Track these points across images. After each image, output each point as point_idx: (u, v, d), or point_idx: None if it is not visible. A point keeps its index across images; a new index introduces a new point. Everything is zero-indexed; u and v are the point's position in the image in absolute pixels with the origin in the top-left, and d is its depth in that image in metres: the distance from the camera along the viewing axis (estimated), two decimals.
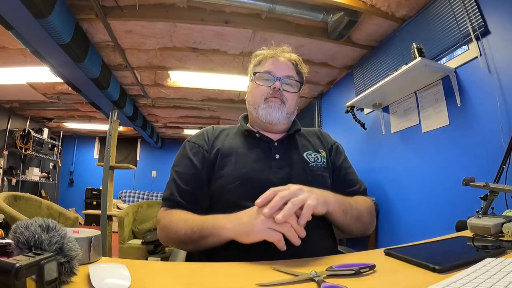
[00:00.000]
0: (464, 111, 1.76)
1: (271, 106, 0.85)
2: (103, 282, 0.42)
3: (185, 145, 0.88)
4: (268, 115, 0.85)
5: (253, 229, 0.58)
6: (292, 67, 0.90)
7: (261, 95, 0.87)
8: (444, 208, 1.86)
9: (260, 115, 0.87)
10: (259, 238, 0.58)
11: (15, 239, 0.39)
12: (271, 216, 0.58)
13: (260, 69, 0.90)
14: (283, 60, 0.90)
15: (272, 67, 0.88)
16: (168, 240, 0.76)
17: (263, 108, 0.86)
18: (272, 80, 0.87)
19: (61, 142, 6.32)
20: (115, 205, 5.59)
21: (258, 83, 0.89)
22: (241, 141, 0.87)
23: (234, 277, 0.50)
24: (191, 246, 0.70)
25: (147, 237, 2.70)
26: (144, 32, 2.45)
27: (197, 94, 3.93)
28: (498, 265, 0.44)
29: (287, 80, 0.88)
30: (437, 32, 1.93)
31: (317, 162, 0.86)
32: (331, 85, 3.54)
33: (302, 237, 0.58)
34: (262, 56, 0.92)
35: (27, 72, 3.20)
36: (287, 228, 0.57)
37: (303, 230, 0.58)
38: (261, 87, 0.88)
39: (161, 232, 0.78)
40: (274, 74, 0.87)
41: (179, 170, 0.82)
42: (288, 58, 0.91)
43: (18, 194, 2.33)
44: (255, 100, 0.89)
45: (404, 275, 0.49)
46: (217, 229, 0.64)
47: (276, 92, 0.86)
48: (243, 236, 0.60)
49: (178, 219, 0.73)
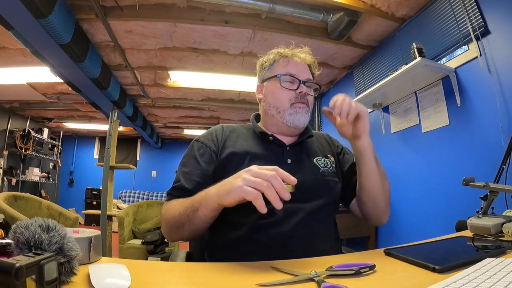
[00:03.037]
0: (464, 111, 1.76)
1: (299, 112, 0.84)
2: (103, 282, 0.42)
3: (193, 144, 0.87)
4: (296, 120, 0.84)
5: (232, 186, 0.57)
6: (308, 70, 0.90)
7: (287, 99, 0.85)
8: (444, 208, 1.86)
9: (286, 120, 0.85)
10: (237, 195, 0.56)
11: (15, 239, 0.39)
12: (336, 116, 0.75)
13: (281, 71, 0.87)
14: (303, 62, 0.89)
15: (295, 69, 0.86)
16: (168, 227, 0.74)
17: (290, 114, 0.84)
18: (297, 83, 0.85)
19: (61, 142, 6.32)
20: (115, 205, 5.59)
21: (284, 86, 0.85)
22: (254, 143, 0.86)
23: (234, 277, 0.50)
24: (188, 227, 0.68)
25: (147, 237, 2.70)
26: (144, 32, 2.45)
27: (197, 94, 3.93)
28: (498, 265, 0.44)
29: (309, 84, 0.87)
30: (437, 32, 1.93)
31: (327, 168, 0.86)
32: (331, 85, 3.54)
33: (287, 199, 0.54)
34: (280, 56, 0.90)
35: (27, 72, 3.20)
36: (266, 186, 0.54)
37: (287, 193, 0.54)
38: (286, 91, 0.85)
39: (163, 223, 0.77)
40: (298, 77, 0.85)
41: (185, 170, 0.81)
42: (306, 60, 0.90)
43: (18, 194, 2.33)
44: (281, 103, 0.86)
45: (404, 275, 0.49)
46: (204, 198, 0.64)
47: (303, 97, 0.85)
48: (224, 195, 0.58)
49: (175, 203, 0.73)
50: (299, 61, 0.88)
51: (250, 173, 0.57)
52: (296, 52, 0.90)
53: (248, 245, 0.72)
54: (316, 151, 0.90)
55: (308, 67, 0.89)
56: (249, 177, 0.56)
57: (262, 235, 0.71)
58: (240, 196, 0.56)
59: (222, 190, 0.60)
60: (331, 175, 0.85)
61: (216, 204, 0.61)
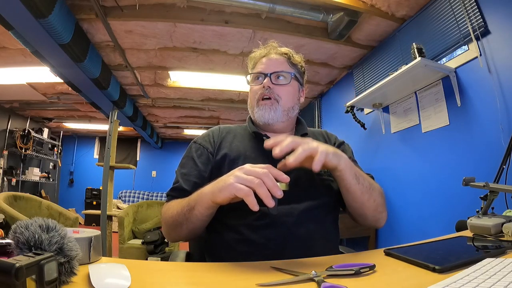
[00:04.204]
0: (464, 111, 1.76)
1: (262, 108, 0.84)
2: (103, 282, 0.42)
3: (191, 146, 0.88)
4: (261, 117, 0.84)
5: (225, 184, 0.58)
6: (283, 61, 0.89)
7: (254, 96, 0.87)
8: (444, 208, 1.86)
9: (256, 118, 0.86)
10: (229, 192, 0.56)
11: (15, 239, 0.39)
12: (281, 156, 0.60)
13: (253, 71, 0.91)
14: (274, 56, 0.89)
15: (263, 66, 0.88)
16: (167, 227, 0.76)
17: (257, 111, 0.85)
18: (263, 78, 0.87)
19: (61, 142, 6.32)
20: (115, 205, 5.59)
21: (252, 85, 0.90)
22: (249, 143, 0.86)
23: (234, 277, 0.50)
24: (185, 226, 0.69)
25: (147, 237, 2.70)
26: (144, 32, 2.45)
27: (197, 94, 3.93)
28: (498, 265, 0.44)
29: (277, 74, 0.87)
30: (437, 32, 1.93)
31: None
32: (331, 85, 3.54)
33: (279, 197, 0.54)
34: (255, 59, 0.93)
35: (27, 72, 3.20)
36: (258, 183, 0.54)
37: (279, 191, 0.54)
38: (254, 88, 0.88)
39: (162, 223, 0.79)
40: (264, 71, 0.86)
41: (183, 171, 0.82)
42: (279, 53, 0.90)
43: (18, 194, 2.34)
44: (251, 102, 0.90)
45: (404, 275, 0.49)
46: (199, 196, 0.65)
47: (266, 90, 0.84)
48: (217, 193, 0.59)
49: (174, 204, 0.75)
50: (269, 57, 0.89)
51: (242, 171, 0.57)
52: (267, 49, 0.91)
53: (245, 246, 0.72)
54: None
55: (281, 60, 0.89)
56: (241, 175, 0.56)
57: (258, 236, 0.71)
58: (231, 193, 0.56)
59: (215, 188, 0.61)
60: (327, 174, 0.83)
61: (210, 202, 0.62)
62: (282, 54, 0.90)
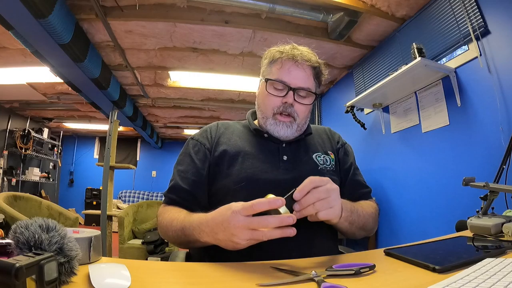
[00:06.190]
0: (464, 111, 1.76)
1: (279, 124, 0.79)
2: (103, 282, 0.42)
3: (188, 142, 0.87)
4: (275, 132, 0.80)
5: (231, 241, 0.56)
6: (310, 74, 0.80)
7: (271, 107, 0.80)
8: (444, 208, 1.86)
9: (268, 129, 0.81)
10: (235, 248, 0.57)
11: (15, 239, 0.39)
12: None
13: (274, 73, 0.80)
14: (301, 66, 0.78)
15: (287, 75, 0.78)
16: (163, 233, 0.76)
17: (271, 124, 0.80)
18: (286, 90, 0.78)
19: (61, 142, 6.32)
20: (115, 205, 5.60)
21: (270, 92, 0.80)
22: (249, 140, 0.84)
23: (234, 277, 0.50)
24: (184, 247, 0.71)
25: (147, 237, 2.70)
26: (144, 32, 2.45)
27: (197, 94, 3.93)
28: (498, 265, 0.44)
29: (301, 92, 0.79)
30: (437, 32, 1.93)
31: (326, 165, 0.83)
32: (331, 85, 3.54)
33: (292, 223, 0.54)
34: (278, 56, 0.80)
35: (27, 72, 3.20)
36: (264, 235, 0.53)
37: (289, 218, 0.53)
38: (272, 98, 0.80)
39: (158, 226, 0.79)
40: (288, 83, 0.78)
41: (180, 168, 0.81)
42: (308, 62, 0.79)
43: (18, 194, 2.33)
44: (265, 110, 0.82)
45: (404, 275, 0.49)
46: (197, 231, 0.63)
47: (286, 108, 0.78)
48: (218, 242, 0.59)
49: (168, 219, 0.73)
50: (296, 65, 0.78)
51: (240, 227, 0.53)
52: (295, 53, 0.79)
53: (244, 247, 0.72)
54: (316, 147, 0.87)
55: (308, 72, 0.80)
56: (243, 234, 0.54)
57: None
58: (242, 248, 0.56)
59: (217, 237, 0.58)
60: (330, 172, 0.82)
61: (210, 243, 0.61)
62: (311, 65, 0.80)
